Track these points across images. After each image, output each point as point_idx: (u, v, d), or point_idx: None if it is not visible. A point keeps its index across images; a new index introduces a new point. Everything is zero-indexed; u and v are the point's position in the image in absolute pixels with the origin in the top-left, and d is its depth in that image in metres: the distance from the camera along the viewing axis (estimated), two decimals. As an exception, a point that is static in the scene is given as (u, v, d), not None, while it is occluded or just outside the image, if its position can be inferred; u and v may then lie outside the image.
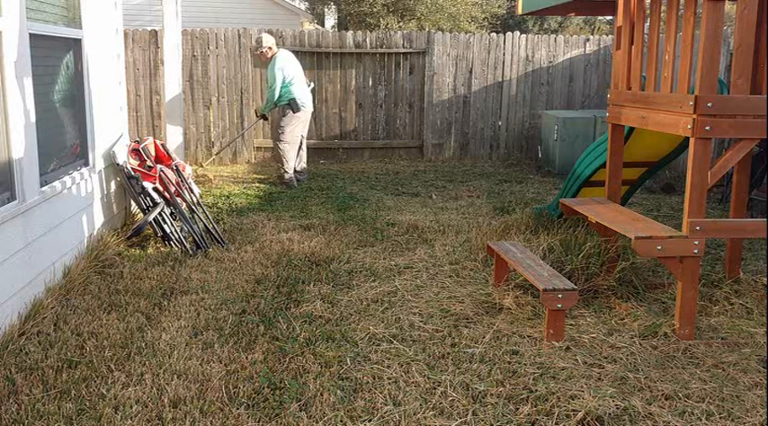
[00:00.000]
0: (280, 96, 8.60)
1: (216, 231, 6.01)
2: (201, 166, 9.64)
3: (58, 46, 5.19)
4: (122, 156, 6.23)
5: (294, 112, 8.64)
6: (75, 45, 5.43)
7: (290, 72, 8.64)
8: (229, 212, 7.19)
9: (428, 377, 3.51)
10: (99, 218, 5.79)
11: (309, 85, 9.09)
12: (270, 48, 8.68)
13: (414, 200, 7.95)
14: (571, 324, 4.21)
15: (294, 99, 8.60)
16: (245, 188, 8.52)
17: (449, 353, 3.80)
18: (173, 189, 6.18)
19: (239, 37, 10.19)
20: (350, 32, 10.62)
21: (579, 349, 3.89)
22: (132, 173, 6.06)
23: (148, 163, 6.39)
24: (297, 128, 8.75)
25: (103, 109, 5.97)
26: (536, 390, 3.37)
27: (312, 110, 9.09)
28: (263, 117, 9.25)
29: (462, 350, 3.83)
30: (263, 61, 9.03)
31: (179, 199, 6.19)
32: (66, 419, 3.07)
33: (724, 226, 4.23)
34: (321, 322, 4.24)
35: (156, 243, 5.86)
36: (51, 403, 3.18)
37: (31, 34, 4.39)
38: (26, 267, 4.28)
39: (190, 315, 4.29)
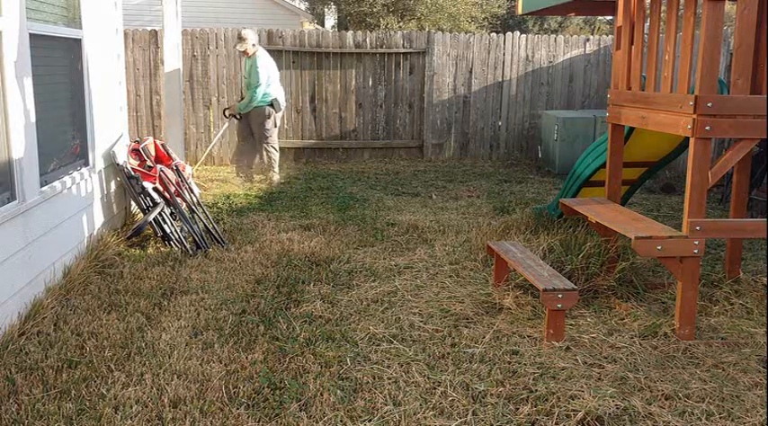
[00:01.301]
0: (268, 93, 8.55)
1: (216, 231, 6.01)
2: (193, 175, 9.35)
3: (58, 46, 5.19)
4: (122, 156, 6.23)
5: (276, 112, 8.63)
6: (76, 45, 5.43)
7: (271, 71, 8.60)
8: (229, 212, 7.19)
9: (428, 377, 3.51)
10: (99, 218, 5.79)
11: None
12: (253, 45, 8.57)
13: (414, 200, 7.95)
14: (571, 324, 4.21)
15: (276, 99, 8.57)
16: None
17: (449, 353, 3.80)
18: (173, 189, 6.18)
19: (239, 37, 10.17)
20: (350, 32, 10.62)
21: (579, 349, 3.89)
22: (132, 173, 6.07)
23: (148, 163, 6.39)
24: (278, 126, 8.84)
25: (103, 109, 5.97)
26: (536, 390, 3.37)
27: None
28: (236, 116, 8.88)
29: (462, 350, 3.84)
30: (244, 57, 8.85)
31: (179, 199, 6.20)
32: (66, 419, 3.07)
33: (724, 226, 4.24)
34: (321, 322, 4.24)
35: (156, 243, 5.86)
36: (51, 403, 3.18)
37: (31, 34, 4.39)
38: (26, 267, 4.28)
39: (190, 315, 4.29)
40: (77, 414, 3.11)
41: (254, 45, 8.58)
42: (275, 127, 8.71)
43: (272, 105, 8.57)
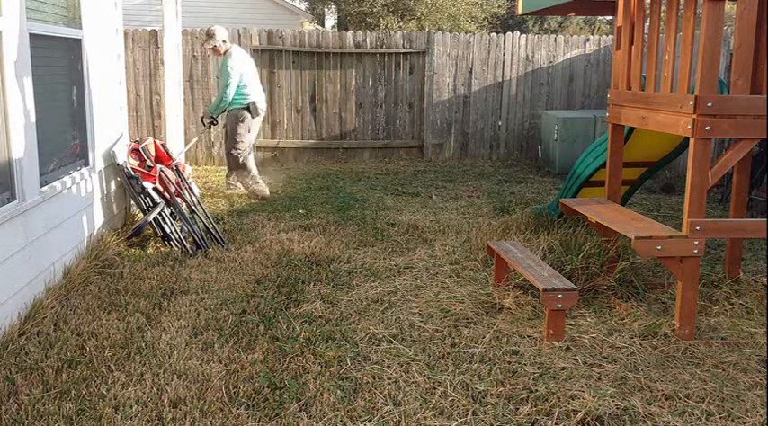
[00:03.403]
0: (233, 99, 7.80)
1: (216, 231, 6.01)
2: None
3: (58, 46, 5.19)
4: (122, 156, 6.23)
5: (253, 117, 7.88)
6: (76, 45, 5.43)
7: (246, 71, 7.88)
8: (229, 212, 7.19)
9: (428, 377, 3.51)
10: (99, 218, 5.79)
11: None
12: (224, 41, 7.88)
13: (414, 200, 7.95)
14: (571, 324, 4.21)
15: (254, 102, 7.85)
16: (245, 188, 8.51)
17: (449, 353, 3.80)
18: (173, 189, 6.18)
19: (239, 37, 10.18)
20: (350, 32, 10.62)
21: (579, 349, 3.89)
22: (132, 173, 6.07)
23: (148, 163, 6.39)
24: (253, 135, 8.03)
25: (103, 109, 5.97)
26: (536, 390, 3.37)
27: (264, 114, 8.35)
28: (213, 122, 8.13)
29: (462, 350, 3.83)
30: (216, 56, 8.16)
31: (179, 199, 6.20)
32: (66, 419, 3.07)
33: (724, 226, 4.23)
34: (321, 322, 4.24)
35: (156, 243, 5.86)
36: (51, 403, 3.18)
37: (31, 34, 4.39)
38: (26, 267, 4.28)
39: (190, 315, 4.29)
40: (77, 414, 3.11)
41: (224, 42, 7.88)
42: (249, 132, 7.94)
43: (248, 109, 7.81)
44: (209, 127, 8.29)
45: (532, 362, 3.70)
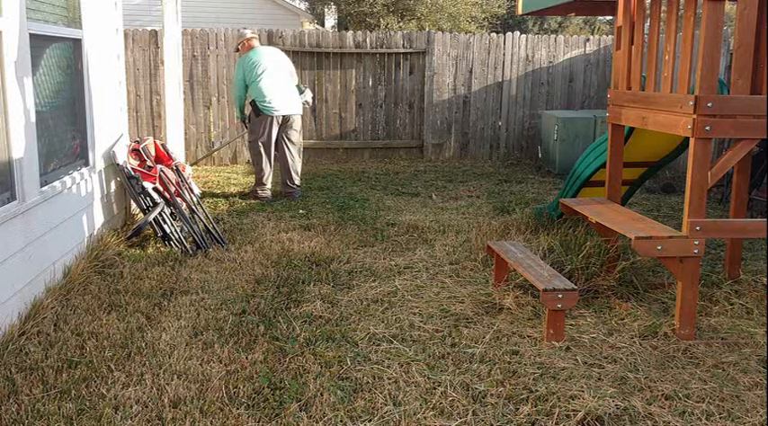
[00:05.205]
0: (248, 95, 7.69)
1: (216, 231, 6.01)
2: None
3: (58, 46, 5.19)
4: (122, 156, 6.23)
5: (256, 116, 7.65)
6: (75, 45, 5.43)
7: (262, 67, 7.59)
8: (229, 212, 7.19)
9: (428, 377, 3.51)
10: (99, 218, 5.79)
11: (303, 90, 8.13)
12: (242, 43, 7.83)
13: (414, 200, 7.95)
14: (571, 324, 4.21)
15: (254, 100, 7.60)
16: (244, 188, 8.51)
17: (449, 353, 3.80)
18: (173, 189, 6.18)
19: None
20: (350, 32, 10.62)
21: (579, 349, 3.89)
22: (132, 173, 6.07)
23: (148, 163, 6.40)
24: (266, 134, 7.67)
25: (103, 109, 5.97)
26: (536, 390, 3.37)
27: (292, 113, 7.80)
28: (245, 125, 8.20)
29: (462, 350, 3.83)
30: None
31: (179, 199, 6.20)
32: (67, 419, 3.07)
33: (724, 226, 4.23)
34: (321, 322, 4.24)
35: (156, 243, 5.86)
36: (51, 403, 3.18)
37: (31, 34, 4.39)
38: (26, 267, 4.28)
39: (190, 315, 4.29)
40: (77, 414, 3.11)
41: (242, 44, 7.83)
42: (260, 130, 7.64)
43: (256, 106, 7.62)
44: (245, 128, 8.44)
45: (532, 362, 3.70)
